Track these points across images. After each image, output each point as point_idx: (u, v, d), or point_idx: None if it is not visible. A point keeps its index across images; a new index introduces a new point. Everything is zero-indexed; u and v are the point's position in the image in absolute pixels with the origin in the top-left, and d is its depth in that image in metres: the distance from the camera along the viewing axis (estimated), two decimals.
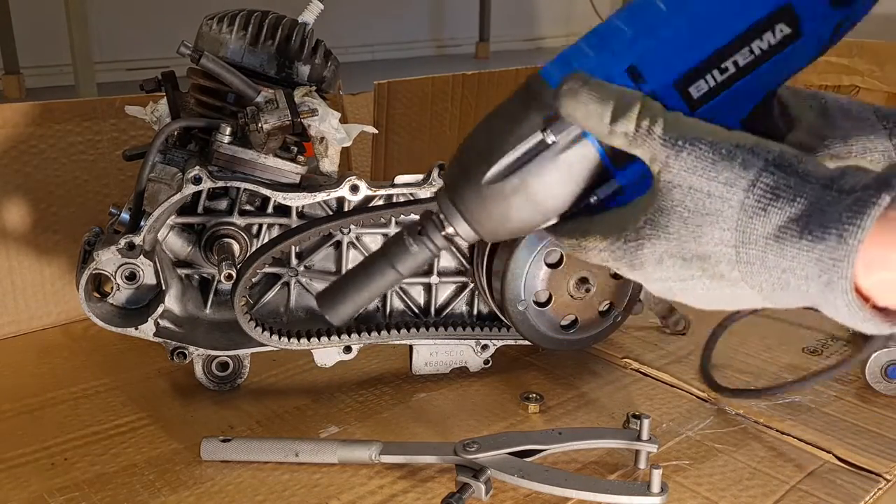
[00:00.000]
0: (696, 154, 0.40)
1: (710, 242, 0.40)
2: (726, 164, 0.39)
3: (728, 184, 0.39)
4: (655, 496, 0.60)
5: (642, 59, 0.43)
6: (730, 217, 0.39)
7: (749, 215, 0.39)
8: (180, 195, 0.68)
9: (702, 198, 0.40)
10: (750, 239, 0.39)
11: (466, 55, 4.03)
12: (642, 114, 0.41)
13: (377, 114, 1.08)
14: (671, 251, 0.41)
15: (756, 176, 0.39)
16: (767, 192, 0.38)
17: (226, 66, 0.68)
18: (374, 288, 0.50)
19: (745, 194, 0.39)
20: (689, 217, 0.40)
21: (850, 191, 0.37)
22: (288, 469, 0.65)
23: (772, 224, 0.38)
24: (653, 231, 0.42)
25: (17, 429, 0.71)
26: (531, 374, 0.81)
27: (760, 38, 0.42)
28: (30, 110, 0.86)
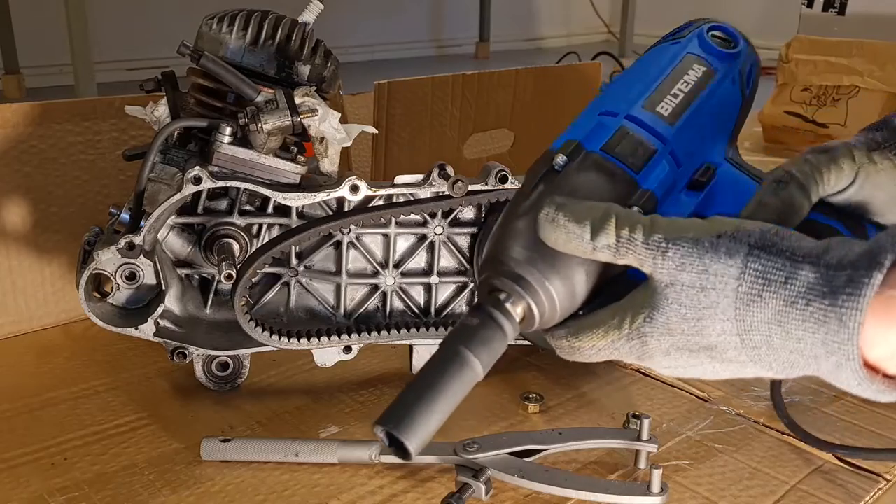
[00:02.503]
0: (681, 252, 0.41)
1: (713, 334, 0.40)
2: (712, 256, 0.40)
3: (718, 275, 0.40)
4: (655, 496, 0.60)
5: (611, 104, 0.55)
6: (727, 307, 0.40)
7: (746, 303, 0.39)
8: (180, 195, 0.68)
9: (696, 293, 0.40)
10: (752, 326, 0.39)
11: (466, 55, 4.03)
12: (619, 224, 0.42)
13: (377, 114, 1.08)
14: (676, 345, 0.42)
15: (743, 263, 0.39)
16: (759, 279, 0.39)
17: (226, 66, 0.68)
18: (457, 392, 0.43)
19: (737, 283, 0.39)
20: (687, 313, 0.41)
21: (839, 266, 0.37)
22: (288, 469, 0.65)
23: (770, 309, 0.38)
24: (653, 329, 0.42)
25: (17, 429, 0.71)
26: (531, 374, 0.81)
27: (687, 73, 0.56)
28: (30, 110, 0.86)
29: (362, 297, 0.79)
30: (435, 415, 0.41)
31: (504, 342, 0.44)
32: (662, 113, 0.53)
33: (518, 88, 1.21)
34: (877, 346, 0.37)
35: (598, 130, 0.52)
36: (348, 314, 0.79)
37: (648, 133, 0.52)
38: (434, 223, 0.77)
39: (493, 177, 0.73)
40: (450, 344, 0.43)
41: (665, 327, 0.42)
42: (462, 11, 4.03)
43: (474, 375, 0.42)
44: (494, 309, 0.44)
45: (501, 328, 0.43)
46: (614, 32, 4.22)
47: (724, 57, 0.58)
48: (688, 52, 0.57)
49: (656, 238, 0.41)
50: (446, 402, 0.41)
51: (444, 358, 0.43)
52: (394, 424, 0.40)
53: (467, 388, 0.42)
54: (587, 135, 0.52)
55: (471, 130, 1.18)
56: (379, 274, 0.78)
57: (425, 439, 0.40)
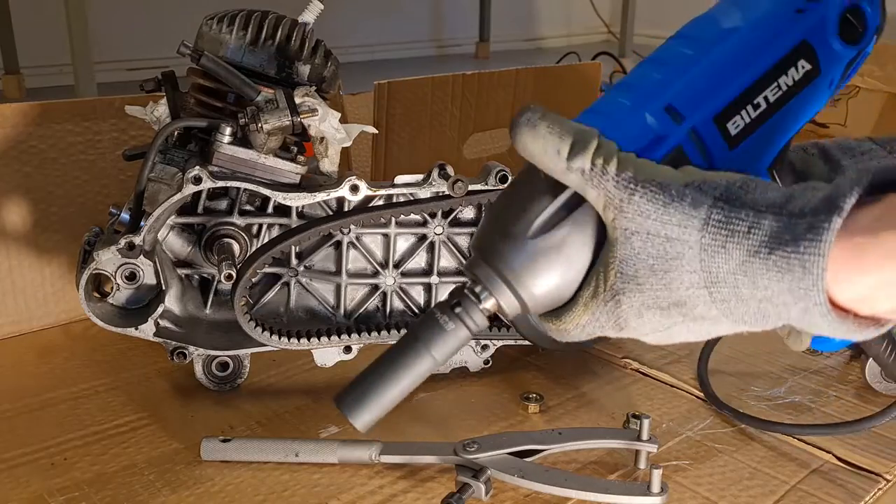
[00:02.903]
0: (647, 197, 0.40)
1: (682, 287, 0.40)
2: (677, 206, 0.39)
3: (682, 225, 0.39)
4: (655, 496, 0.60)
5: (678, 99, 0.44)
6: (692, 258, 0.39)
7: (710, 254, 0.39)
8: (180, 195, 0.68)
9: (661, 243, 0.40)
10: (717, 277, 0.39)
11: (466, 55, 4.03)
12: (598, 151, 0.41)
13: (377, 114, 1.08)
14: (647, 303, 0.41)
15: (707, 214, 0.39)
16: (721, 229, 0.38)
17: (226, 66, 0.68)
18: (407, 380, 0.44)
19: (700, 234, 0.39)
20: (654, 264, 0.40)
21: (801, 214, 0.37)
22: (288, 469, 0.65)
23: (734, 259, 0.38)
24: (624, 283, 0.41)
25: (17, 429, 0.71)
26: (531, 374, 0.81)
27: (786, 74, 0.45)
28: (30, 110, 0.86)
29: (362, 297, 0.79)
30: (386, 399, 0.44)
31: (467, 336, 0.44)
32: (730, 131, 0.45)
33: (518, 88, 1.21)
34: (845, 289, 0.37)
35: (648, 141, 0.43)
36: (348, 314, 0.79)
37: (701, 159, 0.44)
38: (434, 223, 0.77)
39: (493, 177, 0.73)
40: (414, 334, 0.44)
41: (635, 282, 0.41)
42: (462, 11, 4.03)
43: (432, 365, 0.44)
44: (464, 303, 0.44)
45: (465, 324, 0.43)
46: (614, 32, 4.22)
47: (842, 54, 0.46)
48: (804, 38, 0.45)
49: (626, 176, 0.40)
50: (398, 389, 0.44)
51: (404, 347, 0.44)
52: (347, 407, 0.44)
53: (422, 377, 0.44)
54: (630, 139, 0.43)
55: (471, 130, 1.18)
56: (379, 274, 0.78)
57: (374, 419, 0.44)
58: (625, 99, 0.45)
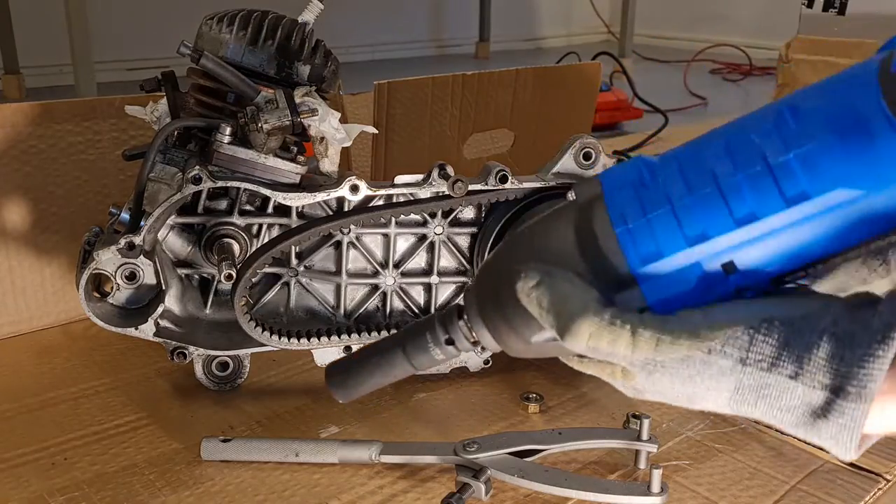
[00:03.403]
0: (669, 374, 0.40)
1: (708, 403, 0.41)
2: (703, 373, 0.40)
3: (711, 389, 0.40)
4: (655, 496, 0.60)
5: (744, 258, 0.36)
6: (721, 404, 0.41)
7: (739, 405, 0.40)
8: (180, 195, 0.68)
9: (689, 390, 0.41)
10: (747, 414, 0.40)
11: (466, 55, 4.03)
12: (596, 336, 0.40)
13: (377, 114, 1.07)
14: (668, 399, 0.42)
15: (737, 381, 0.39)
16: (752, 393, 0.39)
17: (226, 66, 0.68)
18: (386, 377, 0.50)
19: (729, 395, 0.40)
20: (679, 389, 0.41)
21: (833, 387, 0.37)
22: (288, 469, 0.65)
23: (764, 412, 0.40)
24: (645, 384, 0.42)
25: (17, 429, 0.71)
26: (531, 374, 0.81)
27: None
28: (30, 110, 0.86)
29: (362, 297, 0.79)
30: (363, 387, 0.51)
31: (446, 359, 0.49)
32: (783, 283, 0.38)
33: (518, 88, 1.21)
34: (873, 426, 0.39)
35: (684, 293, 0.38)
36: (348, 314, 0.79)
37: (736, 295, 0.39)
38: (434, 223, 0.77)
39: (493, 177, 0.73)
40: (403, 342, 0.49)
41: (660, 395, 0.42)
42: (462, 11, 4.03)
43: (410, 371, 0.50)
44: (454, 336, 0.48)
45: (447, 353, 0.48)
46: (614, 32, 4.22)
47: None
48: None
49: (642, 357, 0.40)
50: (376, 381, 0.51)
51: (392, 351, 0.50)
52: (332, 384, 0.52)
53: (399, 378, 0.50)
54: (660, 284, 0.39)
55: (471, 130, 1.18)
56: (379, 274, 0.78)
57: (351, 398, 0.51)
58: (681, 231, 0.37)
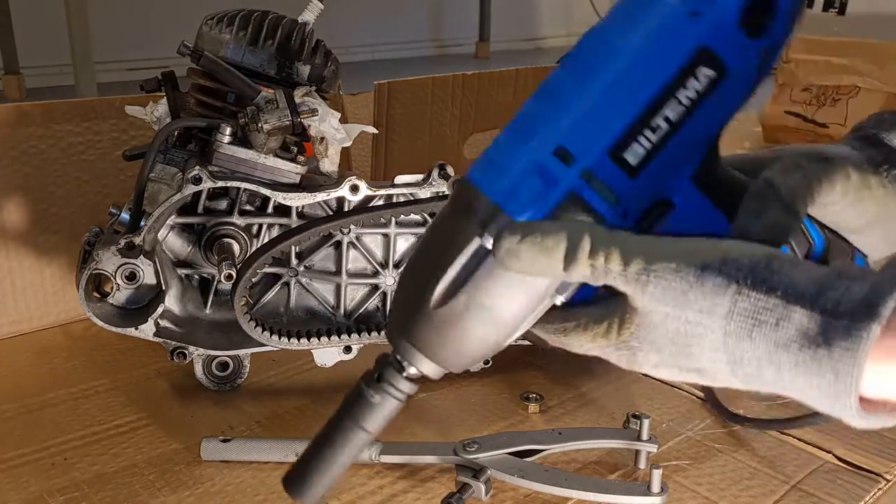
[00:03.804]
0: (662, 286, 0.38)
1: (704, 360, 0.38)
2: (697, 293, 0.37)
3: (705, 312, 0.37)
4: (655, 496, 0.60)
5: (567, 139, 0.40)
6: (716, 340, 0.37)
7: (735, 341, 0.37)
8: (180, 195, 0.68)
9: (682, 323, 0.38)
10: (742, 359, 0.37)
11: (466, 55, 4.03)
12: (593, 252, 0.38)
13: (377, 114, 1.08)
14: (665, 362, 0.40)
15: (732, 301, 0.36)
16: (748, 318, 0.36)
17: (226, 66, 0.68)
18: (344, 457, 0.44)
19: (724, 322, 0.37)
20: (675, 338, 0.38)
21: (834, 312, 0.35)
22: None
23: (761, 349, 0.36)
24: (640, 344, 0.40)
25: (16, 429, 0.71)
26: (531, 374, 0.81)
27: (685, 87, 0.39)
28: (30, 110, 0.86)
29: (362, 297, 0.79)
30: (327, 478, 0.45)
31: (397, 405, 0.45)
32: (630, 162, 0.40)
33: (518, 88, 1.21)
34: (880, 387, 0.35)
35: (536, 193, 0.40)
36: (348, 314, 0.79)
37: (600, 200, 0.40)
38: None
39: None
40: (345, 412, 0.45)
41: (653, 345, 0.39)
42: (462, 11, 4.03)
43: (367, 438, 0.45)
44: (387, 374, 0.44)
45: (392, 395, 0.44)
46: None
47: (749, 49, 0.40)
48: (701, 44, 0.39)
49: (635, 270, 0.38)
50: (338, 466, 0.45)
51: (339, 427, 0.45)
52: (294, 490, 0.45)
53: (361, 449, 0.45)
54: (517, 195, 0.40)
55: (471, 130, 1.18)
56: (379, 274, 0.78)
57: (320, 495, 0.45)
58: (514, 144, 0.41)
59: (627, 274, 0.38)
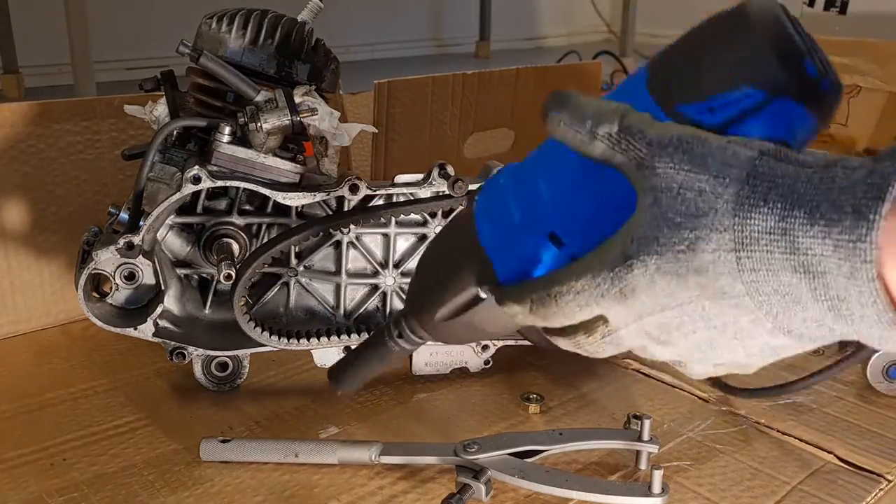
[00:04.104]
0: (682, 149, 0.37)
1: (707, 249, 0.35)
2: (717, 156, 0.36)
3: (720, 175, 0.35)
4: (656, 497, 0.60)
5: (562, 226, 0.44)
6: (725, 213, 0.35)
7: (747, 209, 0.34)
8: (179, 195, 0.67)
9: (692, 197, 0.36)
10: (751, 238, 0.34)
11: (467, 54, 4.03)
12: (625, 117, 0.39)
13: (377, 113, 1.07)
14: (664, 267, 0.36)
15: (749, 164, 0.35)
16: (765, 181, 0.34)
17: (225, 65, 0.68)
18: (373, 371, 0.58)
19: (739, 186, 0.35)
20: (681, 222, 0.36)
21: (856, 166, 0.33)
22: (288, 469, 0.65)
23: (774, 215, 0.34)
24: (642, 248, 0.37)
25: (15, 429, 0.71)
26: (531, 374, 0.81)
27: None
28: (28, 110, 0.85)
29: (362, 297, 0.79)
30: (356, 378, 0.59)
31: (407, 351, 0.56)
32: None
33: (518, 88, 1.21)
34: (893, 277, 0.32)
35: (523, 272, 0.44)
36: (348, 314, 0.79)
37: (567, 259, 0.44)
38: (434, 223, 0.77)
39: None
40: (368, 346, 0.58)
41: (655, 243, 0.36)
42: (462, 10, 4.03)
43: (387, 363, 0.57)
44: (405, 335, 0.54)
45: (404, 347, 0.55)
46: (615, 32, 4.21)
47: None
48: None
49: (659, 134, 0.37)
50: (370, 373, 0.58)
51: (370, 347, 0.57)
52: (333, 381, 0.60)
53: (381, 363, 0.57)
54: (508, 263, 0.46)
55: (471, 130, 1.18)
56: (379, 274, 0.78)
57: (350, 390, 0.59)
58: (515, 208, 0.46)
59: (652, 137, 0.38)
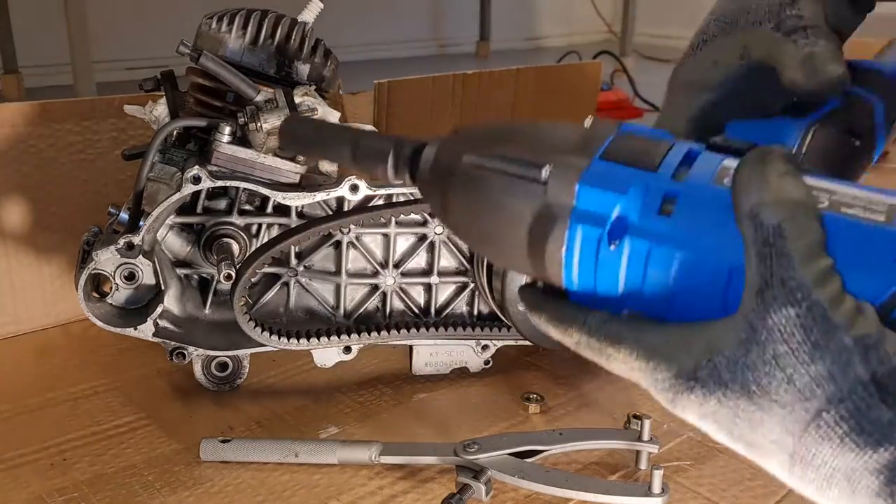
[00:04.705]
0: (799, 323, 0.31)
1: (766, 438, 0.33)
2: (826, 357, 0.30)
3: (813, 384, 0.31)
4: (656, 497, 0.60)
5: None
6: (800, 421, 0.31)
7: (821, 435, 0.31)
8: (179, 195, 0.67)
9: (779, 380, 0.31)
10: (812, 462, 0.31)
11: (467, 54, 4.03)
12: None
13: (377, 113, 1.07)
14: (718, 419, 0.34)
15: (849, 390, 0.30)
16: (851, 421, 0.30)
17: (225, 65, 0.68)
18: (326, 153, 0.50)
19: (827, 405, 0.30)
20: (755, 394, 0.32)
21: None
22: (288, 469, 0.65)
23: (846, 461, 0.30)
24: (706, 385, 0.34)
25: (16, 429, 0.71)
26: (531, 374, 0.81)
27: None
28: (28, 110, 0.85)
29: (362, 297, 0.79)
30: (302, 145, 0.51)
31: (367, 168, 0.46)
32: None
33: (518, 88, 1.21)
34: None
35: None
36: (348, 314, 0.79)
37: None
38: (434, 223, 0.77)
39: None
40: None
41: (723, 391, 0.33)
42: (462, 10, 4.03)
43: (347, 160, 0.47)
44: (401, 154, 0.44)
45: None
46: (615, 32, 4.21)
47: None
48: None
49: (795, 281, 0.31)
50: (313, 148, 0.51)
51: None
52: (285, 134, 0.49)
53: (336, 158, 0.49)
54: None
55: None
56: (379, 274, 0.78)
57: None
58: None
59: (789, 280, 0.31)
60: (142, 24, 3.04)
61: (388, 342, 0.77)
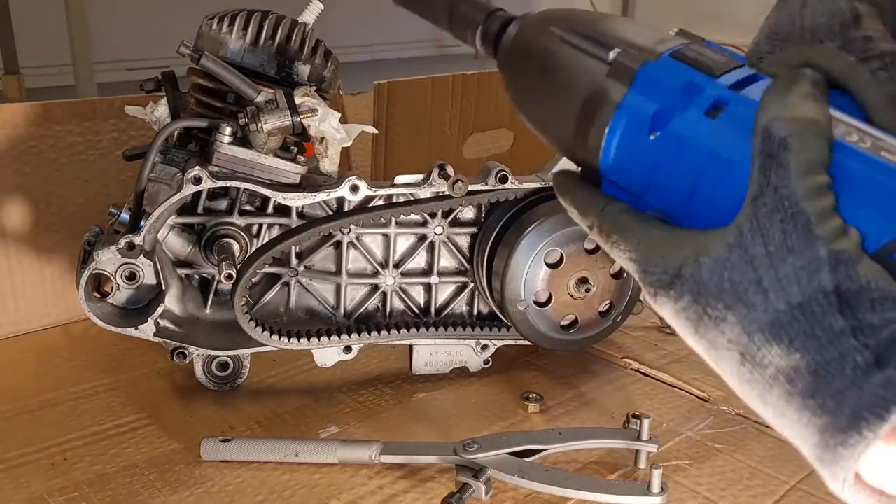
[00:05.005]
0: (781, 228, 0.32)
1: (724, 336, 0.34)
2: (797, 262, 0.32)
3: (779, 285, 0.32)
4: (655, 496, 0.60)
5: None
6: (757, 321, 0.32)
7: (773, 334, 0.32)
8: (180, 195, 0.68)
9: (749, 280, 0.33)
10: (761, 362, 0.33)
11: (467, 55, 4.02)
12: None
13: (377, 114, 1.07)
14: (689, 316, 0.35)
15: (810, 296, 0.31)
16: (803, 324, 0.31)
17: (226, 65, 0.68)
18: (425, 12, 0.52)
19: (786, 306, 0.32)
20: (725, 292, 0.33)
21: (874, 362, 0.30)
22: (288, 469, 0.65)
23: (790, 362, 0.32)
24: (685, 283, 0.35)
25: (16, 429, 0.71)
26: (531, 374, 0.81)
27: None
28: (29, 110, 0.86)
29: (362, 297, 0.79)
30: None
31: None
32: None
33: None
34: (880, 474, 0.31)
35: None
36: (348, 314, 0.79)
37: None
38: (434, 223, 0.77)
39: (493, 177, 0.73)
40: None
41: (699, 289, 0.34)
42: None
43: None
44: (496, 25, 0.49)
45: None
46: None
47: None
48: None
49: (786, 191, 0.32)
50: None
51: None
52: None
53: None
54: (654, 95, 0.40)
55: (471, 130, 1.18)
56: (379, 274, 0.78)
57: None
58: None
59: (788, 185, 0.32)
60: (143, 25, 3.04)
61: (388, 342, 0.77)
